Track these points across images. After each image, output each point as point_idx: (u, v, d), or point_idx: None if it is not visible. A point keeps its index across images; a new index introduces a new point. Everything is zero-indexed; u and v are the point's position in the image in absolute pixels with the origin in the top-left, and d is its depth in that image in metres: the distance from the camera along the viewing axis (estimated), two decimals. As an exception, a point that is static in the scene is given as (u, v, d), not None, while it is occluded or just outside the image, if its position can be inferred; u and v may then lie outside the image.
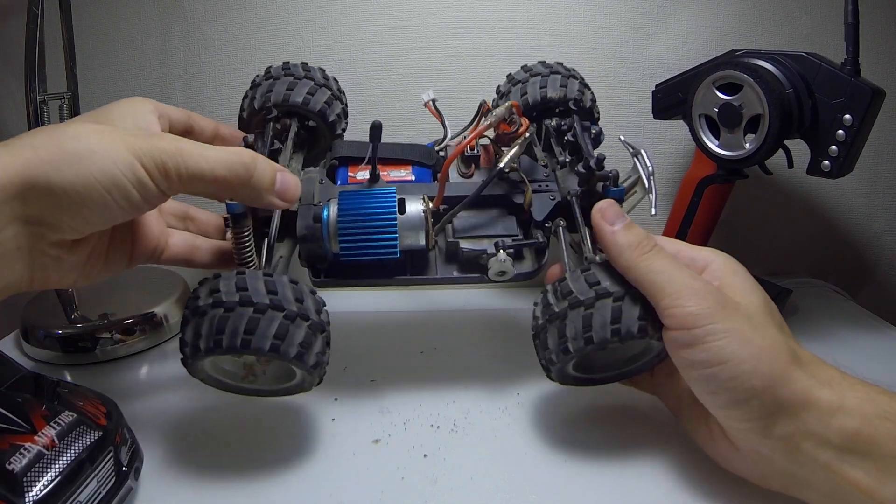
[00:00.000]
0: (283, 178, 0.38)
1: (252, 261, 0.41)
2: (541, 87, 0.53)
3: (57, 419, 0.34)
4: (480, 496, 0.38)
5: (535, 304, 0.41)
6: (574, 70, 0.56)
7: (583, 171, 0.45)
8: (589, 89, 0.55)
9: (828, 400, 0.34)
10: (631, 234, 0.39)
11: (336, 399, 0.48)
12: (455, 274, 0.44)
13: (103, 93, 0.72)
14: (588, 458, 0.42)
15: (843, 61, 0.50)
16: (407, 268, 0.44)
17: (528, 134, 0.45)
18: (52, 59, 0.55)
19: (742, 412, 0.35)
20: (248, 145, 0.45)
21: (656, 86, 0.60)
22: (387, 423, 0.45)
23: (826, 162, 0.51)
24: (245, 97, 0.53)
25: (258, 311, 0.36)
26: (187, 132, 0.47)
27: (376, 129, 0.43)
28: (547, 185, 0.46)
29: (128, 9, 0.70)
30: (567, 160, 0.48)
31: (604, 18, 0.70)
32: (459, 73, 0.71)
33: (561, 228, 0.45)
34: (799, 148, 0.53)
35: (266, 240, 0.42)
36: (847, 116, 0.49)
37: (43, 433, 0.33)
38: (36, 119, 0.53)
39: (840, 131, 0.49)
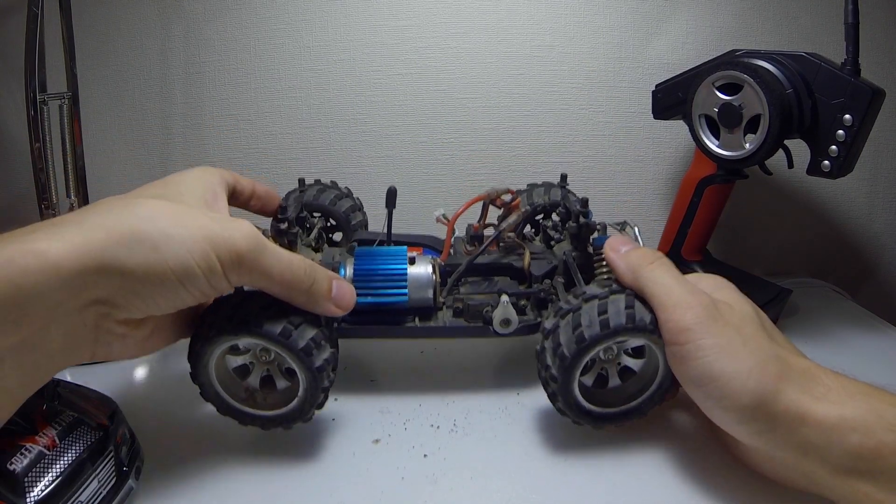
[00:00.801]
0: (339, 286, 0.39)
1: None
2: (528, 200, 0.59)
3: (58, 419, 0.34)
4: (480, 496, 0.38)
5: (542, 320, 0.42)
6: (558, 182, 0.60)
7: (573, 224, 0.49)
8: (572, 193, 0.58)
9: (825, 414, 0.33)
10: (637, 252, 0.41)
11: (336, 399, 0.48)
12: (462, 324, 0.46)
13: (103, 93, 0.72)
14: (588, 457, 0.42)
15: (843, 61, 0.50)
16: (416, 320, 0.46)
17: (523, 209, 0.50)
18: (52, 59, 0.55)
19: (743, 429, 0.35)
20: (282, 207, 0.48)
21: (656, 86, 0.60)
22: (387, 423, 0.45)
23: (826, 162, 0.51)
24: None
25: (277, 301, 0.38)
26: (233, 193, 0.46)
27: (392, 194, 0.47)
28: (544, 256, 0.50)
29: (128, 9, 0.70)
30: (561, 236, 0.53)
31: (604, 18, 0.70)
32: (459, 73, 0.71)
33: (560, 285, 0.48)
34: (799, 148, 0.53)
35: None
36: (847, 116, 0.49)
37: (44, 433, 0.33)
38: (36, 119, 0.53)
39: (840, 131, 0.49)
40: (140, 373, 0.53)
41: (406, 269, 0.45)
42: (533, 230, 0.59)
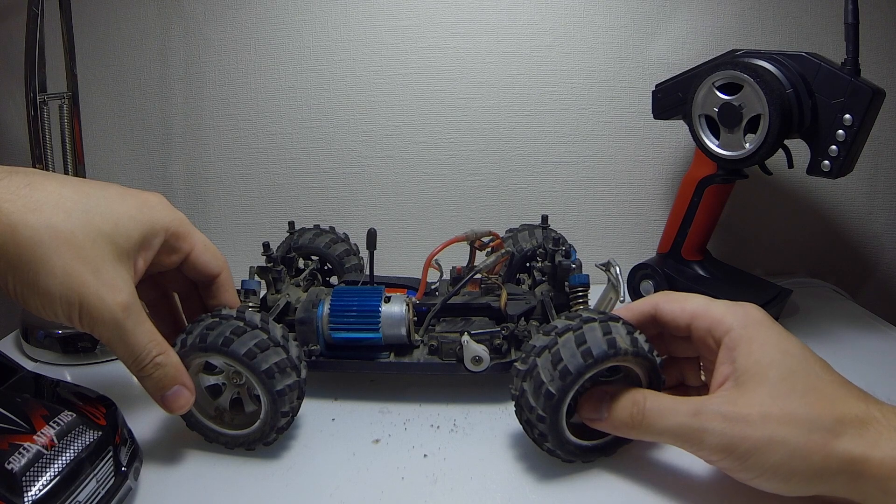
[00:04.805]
0: (178, 390, 0.38)
1: None
2: (514, 244, 0.59)
3: (56, 419, 0.34)
4: (480, 496, 0.38)
5: (514, 366, 0.40)
6: (540, 223, 0.62)
7: (548, 265, 0.50)
8: (555, 232, 0.61)
9: (881, 461, 0.32)
10: (619, 412, 0.38)
11: (336, 399, 0.48)
12: (436, 361, 0.47)
13: (103, 93, 0.72)
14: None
15: (843, 61, 0.50)
16: (391, 357, 0.47)
17: (503, 250, 0.51)
18: (52, 59, 0.55)
19: (787, 491, 0.34)
20: (265, 245, 0.53)
21: (656, 86, 0.60)
22: (387, 423, 0.45)
23: (826, 162, 0.51)
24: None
25: (248, 326, 0.40)
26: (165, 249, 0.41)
27: (372, 235, 0.50)
28: (523, 296, 0.51)
29: (128, 9, 0.70)
30: (543, 278, 0.53)
31: (604, 18, 0.70)
32: (459, 73, 0.71)
33: (534, 327, 0.48)
34: (799, 148, 0.53)
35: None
36: (847, 116, 0.49)
37: (42, 433, 0.33)
38: (36, 119, 0.53)
39: (840, 131, 0.49)
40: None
41: (380, 305, 0.46)
42: (526, 274, 0.59)
